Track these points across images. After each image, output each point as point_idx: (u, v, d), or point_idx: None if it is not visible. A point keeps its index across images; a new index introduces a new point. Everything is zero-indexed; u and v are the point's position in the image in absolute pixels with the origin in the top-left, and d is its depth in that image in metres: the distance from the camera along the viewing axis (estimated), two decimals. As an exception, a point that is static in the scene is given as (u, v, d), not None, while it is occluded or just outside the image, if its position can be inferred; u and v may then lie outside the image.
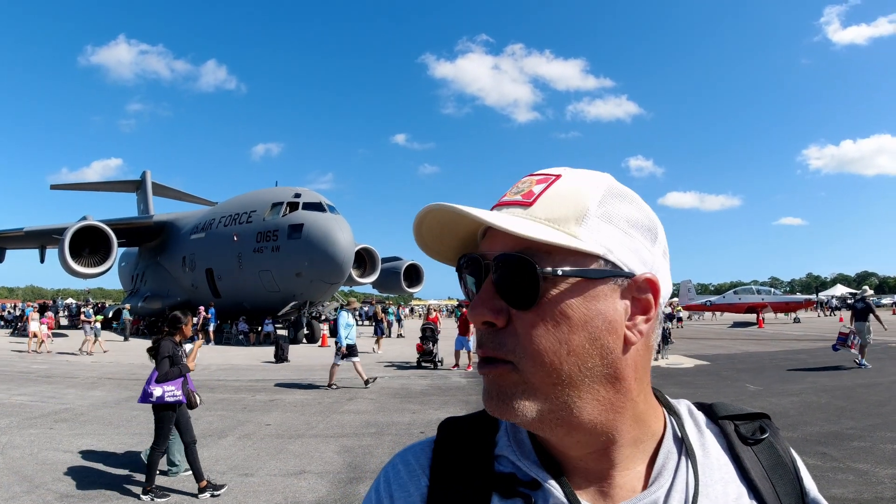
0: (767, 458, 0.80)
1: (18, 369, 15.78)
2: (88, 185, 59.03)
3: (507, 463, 0.77)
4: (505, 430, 0.81)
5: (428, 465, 0.80)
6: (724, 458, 0.79)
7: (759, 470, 0.78)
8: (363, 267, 40.46)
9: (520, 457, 0.77)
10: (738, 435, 0.82)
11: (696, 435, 0.81)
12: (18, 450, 7.43)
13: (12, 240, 34.72)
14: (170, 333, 6.52)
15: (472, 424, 0.84)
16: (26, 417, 9.40)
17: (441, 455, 0.81)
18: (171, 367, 6.27)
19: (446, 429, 0.85)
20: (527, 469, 0.75)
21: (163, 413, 6.18)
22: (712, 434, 0.82)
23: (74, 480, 6.28)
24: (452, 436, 0.83)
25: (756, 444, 0.81)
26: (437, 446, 0.82)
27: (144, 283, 37.02)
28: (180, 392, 6.25)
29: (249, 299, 26.27)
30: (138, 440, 7.97)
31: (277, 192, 26.96)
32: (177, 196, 53.58)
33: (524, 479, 0.74)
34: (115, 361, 18.01)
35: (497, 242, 0.72)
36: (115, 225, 30.84)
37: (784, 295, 45.50)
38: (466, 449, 0.80)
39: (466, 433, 0.82)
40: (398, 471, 0.82)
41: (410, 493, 0.79)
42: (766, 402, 10.31)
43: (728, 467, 0.78)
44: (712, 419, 0.85)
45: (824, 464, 6.58)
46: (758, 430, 0.83)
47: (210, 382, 13.67)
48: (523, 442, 0.78)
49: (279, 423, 9.23)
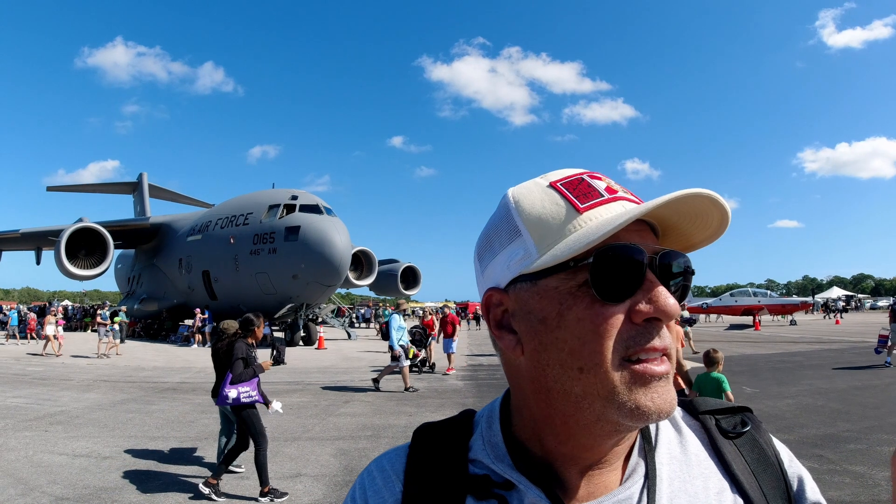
0: (750, 452, 0.80)
1: (13, 371, 15.74)
2: (85, 186, 58.93)
3: (481, 466, 0.78)
4: (479, 434, 0.82)
5: (402, 470, 0.81)
6: (703, 453, 0.79)
7: (741, 463, 0.78)
8: (360, 269, 40.48)
9: (493, 460, 0.77)
10: (719, 429, 0.82)
11: (673, 431, 0.81)
12: (13, 452, 7.40)
13: (8, 241, 34.68)
14: (243, 335, 6.55)
15: (446, 429, 0.84)
16: (21, 420, 9.37)
17: (415, 460, 0.81)
18: (244, 368, 6.27)
19: (421, 434, 0.85)
20: (501, 471, 0.75)
21: (244, 413, 6.24)
22: (692, 430, 0.82)
23: (69, 483, 6.25)
24: (427, 441, 0.83)
25: (737, 437, 0.81)
26: (412, 452, 0.83)
27: (141, 286, 36.96)
28: (256, 392, 6.29)
29: (246, 301, 26.23)
30: (134, 443, 7.95)
31: (274, 194, 26.95)
32: (173, 198, 53.60)
33: (498, 481, 0.75)
34: (110, 364, 17.98)
35: (647, 236, 0.74)
36: (112, 227, 30.86)
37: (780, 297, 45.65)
38: (441, 453, 0.80)
39: (441, 438, 0.83)
40: (373, 477, 0.83)
41: (385, 499, 0.80)
42: (762, 405, 10.32)
43: (708, 462, 0.78)
44: (692, 414, 0.85)
45: (821, 466, 6.62)
46: (739, 423, 0.83)
47: (206, 385, 13.61)
48: (497, 445, 0.79)
49: (275, 426, 9.16)
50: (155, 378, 14.82)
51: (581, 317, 0.68)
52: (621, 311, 0.68)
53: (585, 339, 0.68)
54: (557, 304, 0.70)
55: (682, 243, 0.78)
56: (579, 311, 0.69)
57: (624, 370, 0.67)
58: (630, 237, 0.70)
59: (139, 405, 10.92)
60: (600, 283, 0.68)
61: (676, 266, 0.72)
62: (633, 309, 0.68)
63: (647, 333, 0.68)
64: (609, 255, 0.68)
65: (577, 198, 0.73)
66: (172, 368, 17.10)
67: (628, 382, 0.67)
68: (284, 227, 24.62)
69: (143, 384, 13.68)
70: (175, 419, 9.66)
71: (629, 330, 0.67)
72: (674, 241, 0.78)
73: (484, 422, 0.84)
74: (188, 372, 16.20)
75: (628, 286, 0.68)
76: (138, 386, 13.37)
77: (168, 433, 8.63)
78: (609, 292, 0.68)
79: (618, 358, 0.67)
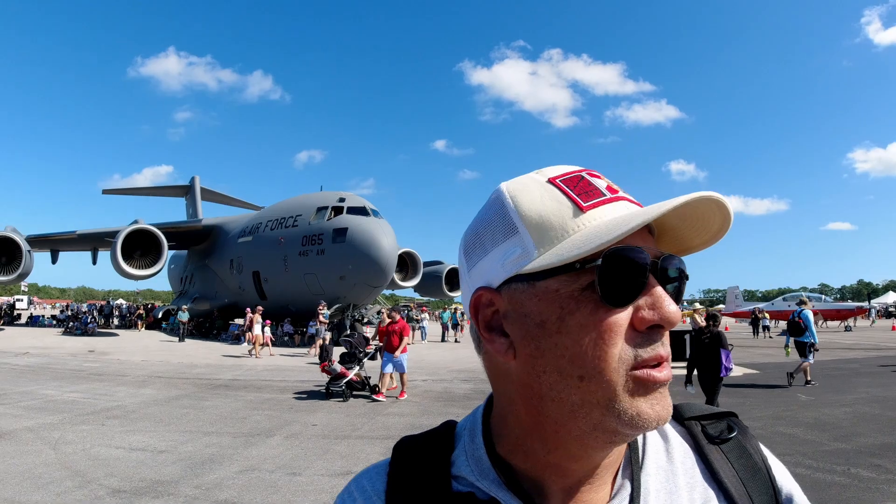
0: (737, 458, 0.79)
1: (70, 367, 16.16)
2: (139, 189, 60.92)
3: (465, 482, 0.75)
4: (462, 448, 0.78)
5: (383, 489, 0.78)
6: (689, 460, 0.78)
7: (728, 469, 0.77)
8: (405, 271, 40.69)
9: (478, 476, 0.74)
10: (705, 435, 0.80)
11: (660, 440, 0.79)
12: (70, 445, 7.51)
13: (65, 242, 35.98)
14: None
15: (427, 444, 0.81)
16: (78, 414, 9.55)
17: (396, 478, 0.78)
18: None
19: (401, 450, 0.82)
20: (485, 488, 0.72)
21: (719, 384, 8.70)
22: (678, 435, 0.80)
23: (126, 476, 6.28)
24: (407, 457, 0.80)
25: (724, 443, 0.80)
26: (393, 469, 0.79)
27: (193, 285, 37.91)
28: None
29: (295, 301, 26.54)
30: (188, 437, 8.00)
31: (322, 196, 27.22)
32: (224, 200, 54.82)
33: (483, 498, 0.72)
34: (163, 361, 18.32)
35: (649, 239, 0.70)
36: (166, 228, 31.65)
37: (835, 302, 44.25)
38: (422, 470, 0.77)
39: (422, 453, 0.79)
40: (354, 498, 0.80)
41: None
42: (818, 413, 9.95)
43: (694, 470, 0.76)
44: (678, 420, 0.83)
45: (878, 476, 6.31)
46: (725, 429, 0.82)
47: (257, 382, 13.79)
48: (481, 460, 0.75)
49: (325, 424, 9.18)
50: (207, 375, 15.03)
51: (584, 323, 0.65)
52: (625, 318, 0.65)
53: (589, 346, 0.65)
54: (558, 308, 0.66)
55: (677, 246, 0.74)
56: (582, 316, 0.65)
57: (628, 378, 0.64)
58: (633, 240, 0.66)
59: (193, 401, 11.04)
60: (607, 287, 0.64)
61: (673, 270, 0.69)
62: (636, 315, 0.65)
63: (652, 341, 0.65)
64: (617, 258, 0.65)
65: (578, 196, 0.68)
66: (223, 366, 17.34)
67: (632, 390, 0.64)
68: (332, 229, 24.83)
69: (195, 381, 13.87)
70: (227, 415, 9.71)
71: (635, 337, 0.65)
72: (669, 243, 0.74)
73: (466, 434, 0.80)
74: (239, 370, 16.39)
75: (633, 291, 0.65)
76: (191, 382, 13.56)
77: (221, 428, 8.67)
78: (615, 297, 0.64)
79: (623, 367, 0.64)
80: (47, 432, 8.16)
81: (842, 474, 6.39)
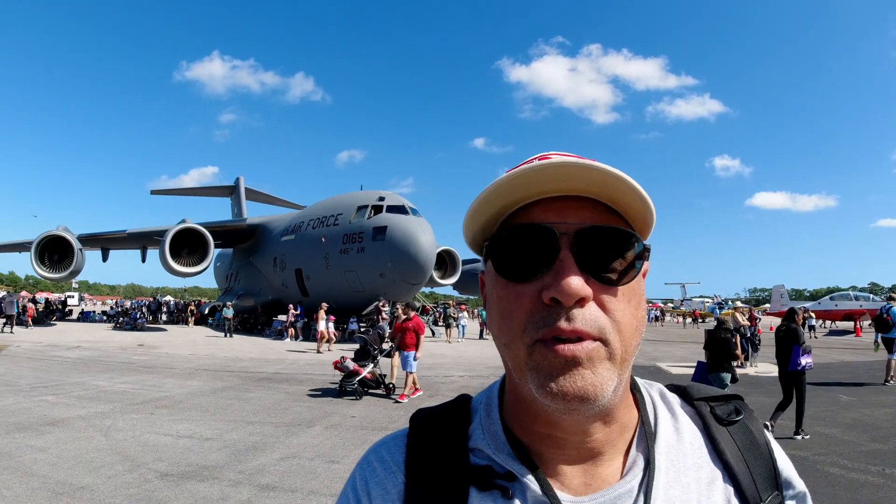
0: (742, 439, 0.80)
1: (120, 360, 16.71)
2: (186, 190, 62.27)
3: (483, 456, 0.77)
4: (479, 422, 0.81)
5: (403, 460, 0.79)
6: (698, 440, 0.79)
7: (734, 450, 0.78)
8: (444, 268, 40.79)
9: (495, 450, 0.76)
10: (713, 416, 0.82)
11: (670, 418, 0.81)
12: (121, 432, 7.80)
13: (116, 241, 37.09)
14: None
15: (444, 417, 0.83)
16: (128, 403, 9.90)
17: (415, 449, 0.79)
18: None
19: (419, 421, 0.83)
20: (502, 462, 0.74)
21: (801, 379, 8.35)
22: (687, 415, 0.82)
23: (173, 461, 6.50)
24: (426, 429, 0.81)
25: (731, 424, 0.81)
26: (411, 440, 0.81)
27: (238, 282, 38.73)
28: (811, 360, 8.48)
29: (336, 298, 26.89)
30: (233, 426, 8.22)
31: (362, 195, 27.49)
32: (267, 200, 55.71)
33: (500, 472, 0.74)
34: (210, 354, 18.80)
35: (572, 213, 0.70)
36: (212, 227, 32.40)
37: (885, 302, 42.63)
38: (440, 442, 0.79)
39: (440, 426, 0.81)
40: (374, 468, 0.81)
41: (388, 491, 0.78)
42: (858, 413, 9.74)
43: (702, 450, 0.78)
44: (687, 401, 0.85)
45: None
46: (733, 411, 0.83)
47: (298, 376, 14.05)
48: (497, 434, 0.78)
49: (363, 416, 9.32)
50: (251, 368, 15.37)
51: (501, 296, 0.71)
52: (532, 291, 0.68)
53: (502, 317, 0.71)
54: (491, 284, 0.75)
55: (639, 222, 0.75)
56: (498, 289, 0.72)
57: (534, 351, 0.67)
58: (547, 216, 0.70)
59: (237, 392, 11.33)
60: (500, 264, 0.71)
61: (600, 242, 0.69)
62: (542, 289, 0.67)
63: (555, 314, 0.66)
64: (504, 237, 0.71)
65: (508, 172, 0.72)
66: (267, 360, 17.70)
67: (538, 363, 0.67)
68: (372, 228, 25.07)
69: (240, 374, 14.21)
70: (270, 406, 9.94)
71: (540, 310, 0.67)
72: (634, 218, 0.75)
73: (483, 409, 0.83)
74: (281, 364, 16.71)
75: (534, 266, 0.68)
76: (236, 375, 13.90)
77: (264, 419, 8.88)
78: (512, 273, 0.70)
79: (529, 338, 0.67)
80: (99, 420, 8.49)
81: (876, 475, 6.25)
